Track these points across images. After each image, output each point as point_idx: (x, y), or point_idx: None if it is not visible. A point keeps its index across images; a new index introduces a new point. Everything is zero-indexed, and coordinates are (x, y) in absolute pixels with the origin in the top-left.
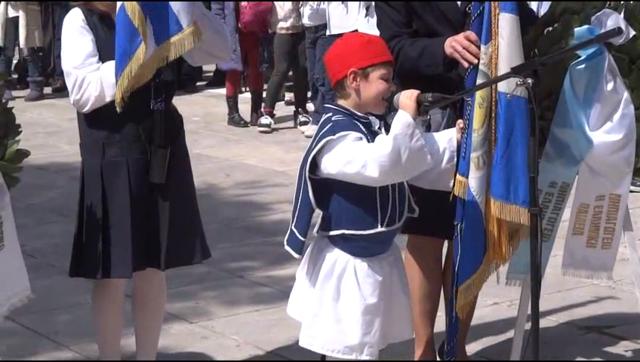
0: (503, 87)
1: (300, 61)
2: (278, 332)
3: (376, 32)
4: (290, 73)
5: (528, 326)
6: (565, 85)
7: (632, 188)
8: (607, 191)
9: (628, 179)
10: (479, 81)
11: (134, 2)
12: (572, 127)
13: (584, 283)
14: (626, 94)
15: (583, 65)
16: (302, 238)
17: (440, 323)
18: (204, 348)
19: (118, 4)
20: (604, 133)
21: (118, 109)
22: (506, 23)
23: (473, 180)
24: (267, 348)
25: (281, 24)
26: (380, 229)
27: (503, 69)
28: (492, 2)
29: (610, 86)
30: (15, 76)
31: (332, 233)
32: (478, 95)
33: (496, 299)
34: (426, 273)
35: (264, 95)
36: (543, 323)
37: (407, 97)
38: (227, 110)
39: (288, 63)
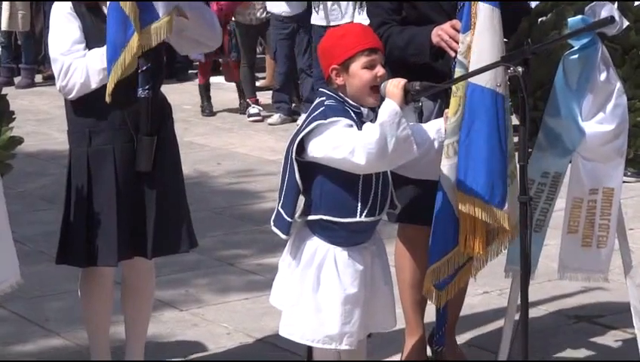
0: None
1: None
2: (269, 320)
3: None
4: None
5: (518, 315)
6: (558, 75)
7: (623, 178)
8: (600, 185)
9: (620, 170)
10: (457, 70)
11: None
12: (564, 117)
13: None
14: (618, 84)
15: (576, 56)
16: (289, 219)
17: (431, 313)
18: (195, 336)
19: None
20: (597, 124)
21: (107, 99)
22: (481, 13)
23: (444, 168)
24: (257, 336)
25: (247, 14)
26: (358, 219)
27: (473, 59)
28: None
29: (603, 76)
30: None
31: (310, 218)
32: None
33: (486, 288)
34: (417, 262)
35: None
36: (533, 312)
37: (395, 86)
38: (212, 98)
39: (254, 52)
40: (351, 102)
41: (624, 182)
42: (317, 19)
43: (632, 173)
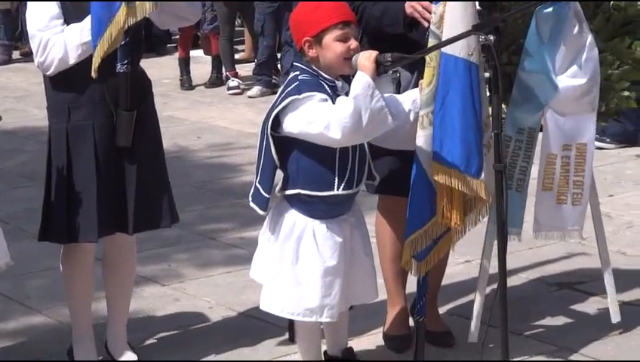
0: (448, 47)
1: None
2: (251, 294)
3: None
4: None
5: (494, 284)
6: (531, 29)
7: (602, 145)
8: (573, 141)
9: (593, 123)
10: (430, 40)
11: None
12: (537, 71)
13: (555, 240)
14: (590, 38)
15: (548, 10)
16: (266, 195)
17: (412, 283)
18: (177, 310)
19: None
20: (569, 77)
21: (93, 75)
22: None
23: (419, 139)
24: (240, 310)
25: None
26: (335, 192)
27: (445, 30)
28: None
29: (575, 30)
30: None
31: (288, 192)
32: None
33: (467, 257)
34: (397, 233)
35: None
36: (514, 280)
37: (366, 58)
38: (191, 72)
39: (233, 25)
40: (325, 75)
41: (604, 148)
42: None
43: (612, 139)
